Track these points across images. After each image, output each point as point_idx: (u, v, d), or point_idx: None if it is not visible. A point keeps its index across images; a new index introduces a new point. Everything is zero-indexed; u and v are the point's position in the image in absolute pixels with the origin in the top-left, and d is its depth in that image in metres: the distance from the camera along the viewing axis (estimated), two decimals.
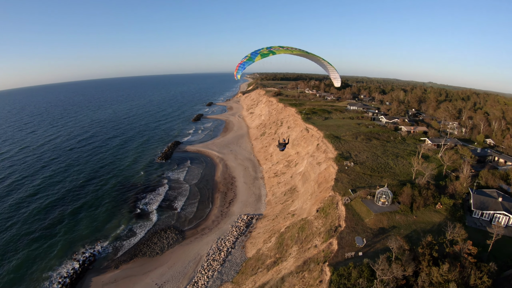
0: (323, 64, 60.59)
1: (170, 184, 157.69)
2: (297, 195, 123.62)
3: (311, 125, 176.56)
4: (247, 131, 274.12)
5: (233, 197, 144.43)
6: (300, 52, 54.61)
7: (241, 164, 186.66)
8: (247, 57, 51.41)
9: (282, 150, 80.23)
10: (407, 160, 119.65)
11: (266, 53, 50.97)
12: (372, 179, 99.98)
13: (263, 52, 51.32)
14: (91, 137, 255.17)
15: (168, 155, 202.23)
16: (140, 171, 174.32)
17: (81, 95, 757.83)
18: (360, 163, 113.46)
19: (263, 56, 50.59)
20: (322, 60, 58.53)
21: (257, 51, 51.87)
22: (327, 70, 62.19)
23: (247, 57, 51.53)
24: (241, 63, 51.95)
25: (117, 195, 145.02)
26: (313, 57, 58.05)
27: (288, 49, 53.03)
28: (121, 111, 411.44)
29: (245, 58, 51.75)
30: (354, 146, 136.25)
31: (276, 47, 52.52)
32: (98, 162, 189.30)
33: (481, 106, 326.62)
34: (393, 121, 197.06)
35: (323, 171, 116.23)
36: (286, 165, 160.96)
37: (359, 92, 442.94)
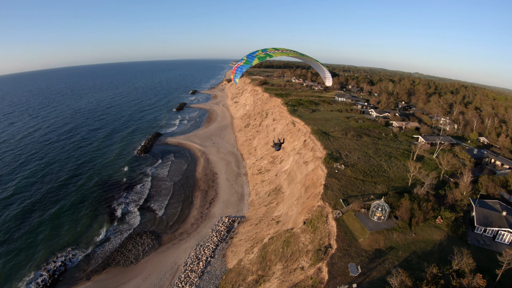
0: (316, 65, 60.49)
1: (147, 181, 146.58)
2: (282, 197, 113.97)
3: (297, 119, 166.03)
4: (231, 121, 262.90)
5: (214, 196, 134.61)
6: (295, 55, 55.22)
7: (223, 158, 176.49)
8: (243, 61, 50.56)
9: (278, 150, 78.63)
10: (401, 162, 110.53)
11: (263, 56, 50.69)
12: (365, 186, 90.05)
13: (260, 55, 50.85)
14: (71, 129, 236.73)
15: (148, 148, 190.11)
16: (118, 167, 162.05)
17: (63, 82, 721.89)
18: (351, 165, 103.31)
19: (260, 59, 50.08)
20: (315, 61, 58.72)
21: (253, 54, 51.14)
22: (319, 70, 62.42)
23: (243, 60, 50.74)
24: (238, 66, 50.99)
25: (91, 194, 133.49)
26: (307, 59, 58.04)
27: (283, 51, 53.36)
28: (104, 100, 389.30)
29: (241, 61, 50.90)
30: (344, 143, 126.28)
31: (270, 49, 52.62)
32: (76, 158, 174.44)
33: (470, 100, 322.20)
34: (384, 115, 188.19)
35: (311, 172, 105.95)
36: (271, 161, 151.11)
37: (346, 82, 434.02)
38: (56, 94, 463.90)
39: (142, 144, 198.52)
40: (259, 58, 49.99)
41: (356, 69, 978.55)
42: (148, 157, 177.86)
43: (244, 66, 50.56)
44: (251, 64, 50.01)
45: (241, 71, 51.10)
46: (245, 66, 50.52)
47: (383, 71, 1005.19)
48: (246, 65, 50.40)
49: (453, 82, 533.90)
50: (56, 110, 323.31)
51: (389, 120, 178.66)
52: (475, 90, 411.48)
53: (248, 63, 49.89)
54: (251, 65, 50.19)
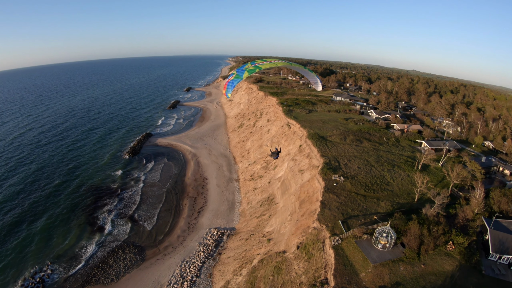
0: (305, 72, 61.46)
1: (134, 188, 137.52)
2: (274, 208, 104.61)
3: (293, 120, 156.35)
4: (225, 120, 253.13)
5: (203, 205, 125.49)
6: (284, 64, 56.63)
7: (215, 161, 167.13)
8: (234, 75, 51.22)
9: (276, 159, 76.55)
10: (405, 172, 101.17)
11: (252, 69, 51.25)
12: (367, 202, 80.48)
13: (249, 68, 51.50)
14: (62, 130, 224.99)
15: (137, 150, 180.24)
16: (104, 172, 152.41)
17: (58, 79, 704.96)
18: (352, 177, 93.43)
19: (249, 72, 50.39)
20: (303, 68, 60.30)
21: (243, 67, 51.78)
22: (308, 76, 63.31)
23: (234, 75, 51.37)
24: (229, 81, 51.69)
25: (76, 202, 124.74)
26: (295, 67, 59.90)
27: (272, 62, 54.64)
28: (98, 97, 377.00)
29: (232, 76, 51.65)
30: (343, 150, 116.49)
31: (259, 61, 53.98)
32: (63, 162, 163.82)
33: (471, 100, 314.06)
34: (384, 117, 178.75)
35: (306, 183, 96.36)
36: (264, 167, 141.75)
37: (344, 80, 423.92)
38: (50, 92, 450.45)
39: (131, 145, 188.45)
40: (248, 71, 50.28)
41: (354, 66, 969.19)
42: (136, 160, 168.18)
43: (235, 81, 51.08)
44: (241, 78, 50.28)
45: (233, 86, 51.61)
46: (236, 81, 51.07)
47: (380, 69, 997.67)
48: (237, 79, 50.87)
49: (452, 81, 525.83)
50: (49, 108, 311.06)
51: (390, 122, 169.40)
52: (474, 90, 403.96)
53: (238, 77, 50.35)
54: (242, 78, 50.40)
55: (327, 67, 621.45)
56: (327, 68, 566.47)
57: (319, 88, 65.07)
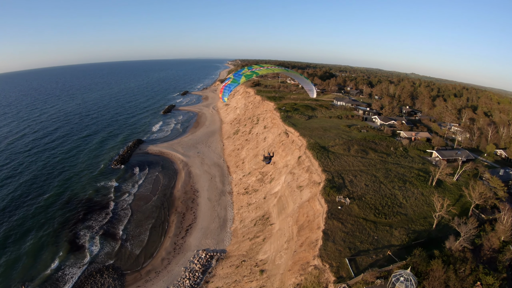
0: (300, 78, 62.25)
1: (119, 201, 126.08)
2: (270, 230, 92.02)
3: (291, 128, 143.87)
4: (220, 126, 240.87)
5: (192, 221, 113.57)
6: (280, 70, 56.62)
7: (207, 171, 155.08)
8: (231, 79, 50.58)
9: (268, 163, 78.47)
10: (418, 190, 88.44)
11: (249, 74, 50.99)
12: (378, 231, 67.53)
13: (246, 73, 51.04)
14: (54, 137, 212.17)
15: (126, 159, 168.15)
16: (90, 183, 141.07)
17: (55, 82, 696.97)
18: (358, 198, 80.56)
19: (247, 77, 49.86)
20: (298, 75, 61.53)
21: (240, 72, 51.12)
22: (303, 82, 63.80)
23: (230, 79, 50.77)
24: (225, 85, 50.64)
25: (56, 216, 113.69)
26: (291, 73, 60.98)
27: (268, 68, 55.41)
28: (93, 101, 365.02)
29: (229, 80, 50.80)
30: (347, 163, 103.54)
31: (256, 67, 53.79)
32: (51, 173, 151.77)
33: (475, 104, 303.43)
34: (390, 124, 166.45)
35: (306, 204, 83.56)
36: (260, 179, 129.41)
37: (344, 84, 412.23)
38: (46, 95, 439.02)
39: (120, 153, 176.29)
40: (245, 76, 50.04)
41: (353, 70, 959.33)
42: (124, 170, 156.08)
43: (231, 85, 50.27)
44: (238, 83, 49.89)
45: (229, 90, 50.60)
46: (232, 85, 50.32)
47: (379, 72, 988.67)
48: (233, 84, 50.20)
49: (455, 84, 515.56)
50: (43, 113, 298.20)
51: (396, 129, 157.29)
52: (477, 93, 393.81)
53: (235, 81, 49.83)
54: (239, 83, 50.06)
55: (327, 70, 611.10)
56: (327, 72, 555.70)
57: (313, 95, 64.49)
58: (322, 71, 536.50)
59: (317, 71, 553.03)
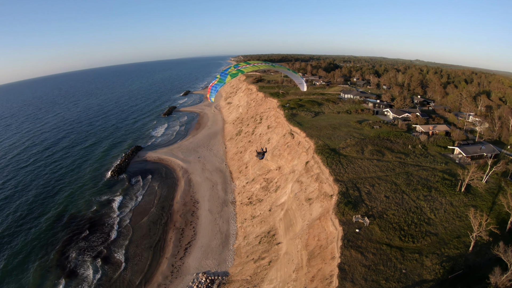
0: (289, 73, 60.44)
1: (114, 216, 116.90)
2: (276, 251, 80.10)
3: (297, 128, 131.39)
4: (222, 126, 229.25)
5: (191, 238, 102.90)
6: (266, 66, 56.55)
7: (208, 178, 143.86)
8: (217, 79, 50.18)
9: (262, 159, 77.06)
10: (446, 198, 75.82)
11: (235, 72, 50.34)
12: (406, 262, 54.81)
13: (232, 72, 50.49)
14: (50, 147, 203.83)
15: (123, 168, 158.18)
16: (85, 197, 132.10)
17: (58, 89, 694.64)
18: (379, 215, 68.14)
19: (232, 76, 49.41)
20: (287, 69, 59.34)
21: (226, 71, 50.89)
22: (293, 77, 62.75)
23: (217, 79, 50.35)
24: (212, 85, 50.45)
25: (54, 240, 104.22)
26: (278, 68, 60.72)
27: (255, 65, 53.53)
28: (94, 107, 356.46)
29: (215, 80, 50.35)
30: (362, 169, 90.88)
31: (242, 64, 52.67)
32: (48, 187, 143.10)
33: (488, 90, 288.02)
34: (403, 117, 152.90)
35: (317, 223, 71.02)
36: (264, 187, 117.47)
37: (350, 74, 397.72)
38: (48, 103, 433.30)
39: (117, 163, 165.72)
40: (231, 75, 49.27)
41: (357, 59, 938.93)
42: (121, 180, 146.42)
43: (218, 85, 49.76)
44: (224, 82, 49.21)
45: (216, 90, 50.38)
46: (219, 85, 49.77)
47: (383, 60, 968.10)
48: (220, 84, 49.59)
49: (463, 69, 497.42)
50: (46, 123, 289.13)
51: (411, 123, 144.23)
52: (487, 77, 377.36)
53: (221, 81, 49.25)
54: (225, 83, 49.22)
55: (331, 61, 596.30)
56: (331, 63, 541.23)
57: (304, 88, 64.99)
58: (326, 63, 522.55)
59: (321, 62, 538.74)
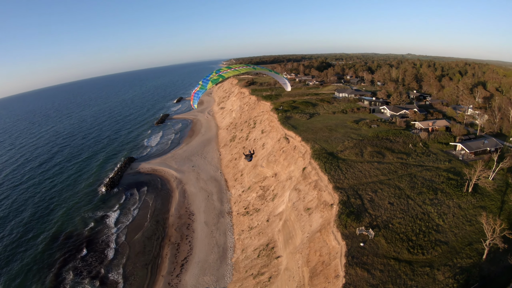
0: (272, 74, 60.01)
1: (108, 234, 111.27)
2: (276, 266, 74.83)
3: (292, 132, 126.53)
4: (216, 132, 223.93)
5: (188, 253, 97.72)
6: (248, 69, 55.17)
7: (203, 188, 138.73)
8: (199, 86, 50.29)
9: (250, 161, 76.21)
10: (454, 201, 70.83)
11: (216, 78, 49.79)
12: (417, 278, 49.34)
13: (213, 77, 49.84)
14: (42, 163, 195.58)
15: (116, 181, 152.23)
16: (80, 213, 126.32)
17: (50, 102, 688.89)
18: (384, 225, 62.81)
19: (213, 82, 48.97)
20: (269, 71, 59.24)
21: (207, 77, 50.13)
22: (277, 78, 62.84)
23: (199, 85, 50.33)
24: (195, 92, 51.15)
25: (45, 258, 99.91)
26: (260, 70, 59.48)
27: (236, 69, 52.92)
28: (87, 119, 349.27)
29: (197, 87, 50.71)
30: (362, 173, 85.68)
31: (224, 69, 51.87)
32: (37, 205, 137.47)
33: (482, 80, 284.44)
34: (401, 114, 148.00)
35: (318, 236, 65.62)
36: (261, 195, 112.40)
37: (343, 72, 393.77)
38: (42, 117, 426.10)
39: (110, 176, 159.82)
40: (212, 81, 48.80)
41: (349, 57, 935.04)
42: (114, 194, 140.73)
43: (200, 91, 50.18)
44: (206, 89, 48.95)
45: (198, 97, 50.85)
46: (201, 91, 50.12)
47: (375, 56, 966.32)
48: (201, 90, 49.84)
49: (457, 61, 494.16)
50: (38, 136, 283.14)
51: (409, 120, 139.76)
52: (481, 67, 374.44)
53: (203, 88, 49.37)
54: (206, 89, 49.00)
55: (323, 60, 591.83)
56: (323, 62, 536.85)
57: (288, 88, 64.16)
58: (318, 62, 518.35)
59: (313, 62, 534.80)
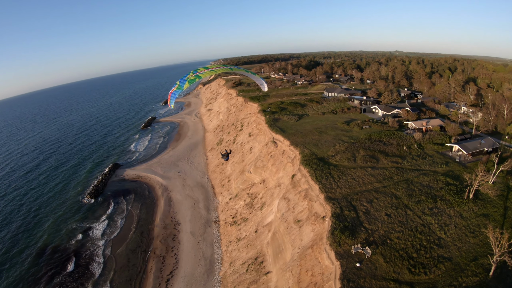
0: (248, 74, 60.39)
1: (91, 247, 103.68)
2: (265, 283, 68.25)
3: (279, 135, 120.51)
4: (203, 135, 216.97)
5: (173, 267, 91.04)
6: (224, 70, 57.86)
7: (189, 195, 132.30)
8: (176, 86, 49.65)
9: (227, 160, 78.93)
10: (455, 209, 65.31)
11: (192, 78, 49.86)
12: None
13: (190, 78, 49.78)
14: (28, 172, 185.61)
15: (100, 190, 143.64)
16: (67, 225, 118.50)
17: (37, 107, 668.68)
18: (382, 241, 56.67)
19: (190, 82, 49.17)
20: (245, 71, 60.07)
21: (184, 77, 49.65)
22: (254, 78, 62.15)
23: (176, 85, 49.72)
24: (172, 92, 50.62)
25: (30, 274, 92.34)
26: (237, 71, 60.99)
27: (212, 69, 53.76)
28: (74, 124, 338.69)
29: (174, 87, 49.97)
30: (355, 180, 79.70)
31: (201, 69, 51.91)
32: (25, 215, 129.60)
33: (473, 76, 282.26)
34: (393, 113, 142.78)
35: (309, 253, 59.32)
36: (249, 204, 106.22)
37: (332, 71, 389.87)
38: (28, 122, 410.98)
39: (94, 183, 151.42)
40: (189, 81, 48.83)
41: (337, 55, 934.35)
42: (98, 204, 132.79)
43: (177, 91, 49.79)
44: (182, 89, 48.85)
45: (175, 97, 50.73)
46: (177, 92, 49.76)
47: (363, 53, 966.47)
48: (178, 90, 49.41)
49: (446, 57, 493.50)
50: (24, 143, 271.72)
51: (402, 119, 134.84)
52: (470, 63, 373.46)
53: (180, 88, 48.90)
54: (183, 89, 48.87)
55: (311, 59, 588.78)
56: (311, 60, 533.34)
57: (265, 88, 64.81)
58: (306, 61, 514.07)
59: (301, 61, 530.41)
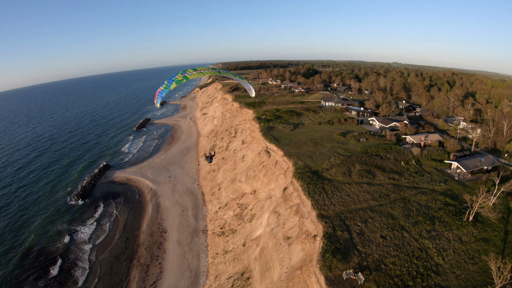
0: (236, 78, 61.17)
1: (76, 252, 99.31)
2: None
3: (273, 145, 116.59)
4: (197, 140, 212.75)
5: (157, 277, 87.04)
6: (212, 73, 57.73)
7: (178, 202, 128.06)
8: (164, 85, 49.61)
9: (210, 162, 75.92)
10: (454, 233, 61.40)
11: (180, 79, 49.66)
12: None
13: (178, 78, 49.52)
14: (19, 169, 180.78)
15: (88, 191, 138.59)
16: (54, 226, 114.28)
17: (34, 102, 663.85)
18: (376, 266, 52.40)
19: (178, 83, 48.97)
20: (233, 75, 60.60)
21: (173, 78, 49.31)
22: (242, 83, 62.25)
23: (164, 85, 49.68)
24: (159, 91, 50.22)
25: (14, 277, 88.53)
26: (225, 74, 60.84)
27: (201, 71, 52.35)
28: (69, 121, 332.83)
29: (162, 86, 49.88)
30: (350, 197, 75.79)
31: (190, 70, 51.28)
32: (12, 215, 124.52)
33: (471, 91, 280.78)
34: (391, 126, 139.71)
35: (298, 275, 54.39)
36: (238, 215, 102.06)
37: (330, 80, 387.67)
38: (22, 117, 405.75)
39: (83, 184, 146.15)
40: (177, 81, 48.67)
41: (335, 64, 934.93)
42: (85, 206, 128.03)
43: (163, 91, 49.46)
44: (169, 89, 48.53)
45: (161, 96, 50.29)
46: (164, 91, 49.44)
47: (362, 64, 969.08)
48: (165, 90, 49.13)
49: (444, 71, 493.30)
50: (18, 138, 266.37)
51: (400, 133, 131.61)
52: (469, 78, 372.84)
53: (167, 87, 48.78)
54: (170, 89, 48.50)
55: (310, 66, 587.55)
56: (310, 68, 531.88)
57: (252, 94, 64.87)
58: (305, 68, 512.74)
59: (299, 68, 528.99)
